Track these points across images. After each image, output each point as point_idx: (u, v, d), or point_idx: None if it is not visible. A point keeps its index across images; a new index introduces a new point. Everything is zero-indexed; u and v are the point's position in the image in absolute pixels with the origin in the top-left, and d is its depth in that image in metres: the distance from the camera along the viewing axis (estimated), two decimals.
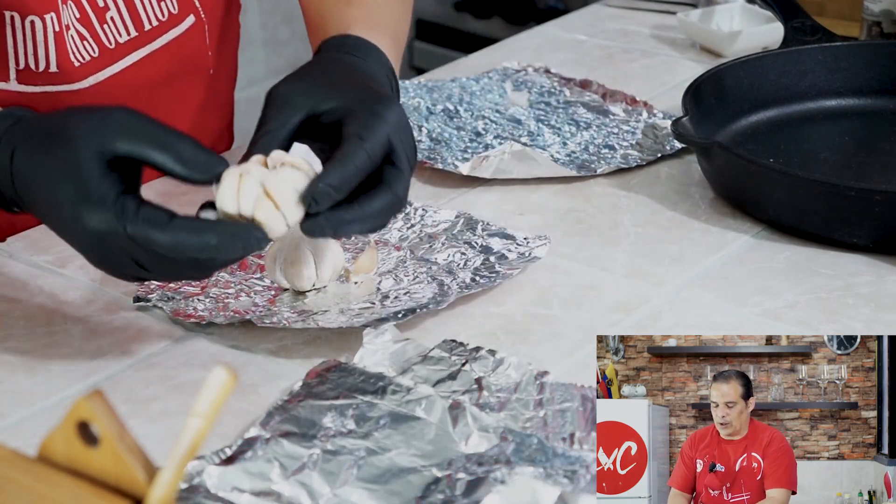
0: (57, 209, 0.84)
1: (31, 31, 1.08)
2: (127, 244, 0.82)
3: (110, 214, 0.82)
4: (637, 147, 1.23)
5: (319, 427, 0.81)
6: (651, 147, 1.22)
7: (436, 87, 1.37)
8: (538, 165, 1.17)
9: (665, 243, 1.07)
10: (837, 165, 1.19)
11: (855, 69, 1.29)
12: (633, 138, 1.25)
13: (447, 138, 1.25)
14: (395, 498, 0.75)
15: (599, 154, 1.22)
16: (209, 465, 0.77)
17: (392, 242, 1.05)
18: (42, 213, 0.86)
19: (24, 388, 0.88)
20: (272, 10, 2.86)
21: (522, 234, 1.05)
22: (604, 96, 1.34)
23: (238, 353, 0.92)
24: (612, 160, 1.20)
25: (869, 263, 1.03)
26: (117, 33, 1.14)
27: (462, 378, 0.86)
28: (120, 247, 0.83)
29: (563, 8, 2.67)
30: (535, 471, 0.76)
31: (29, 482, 0.57)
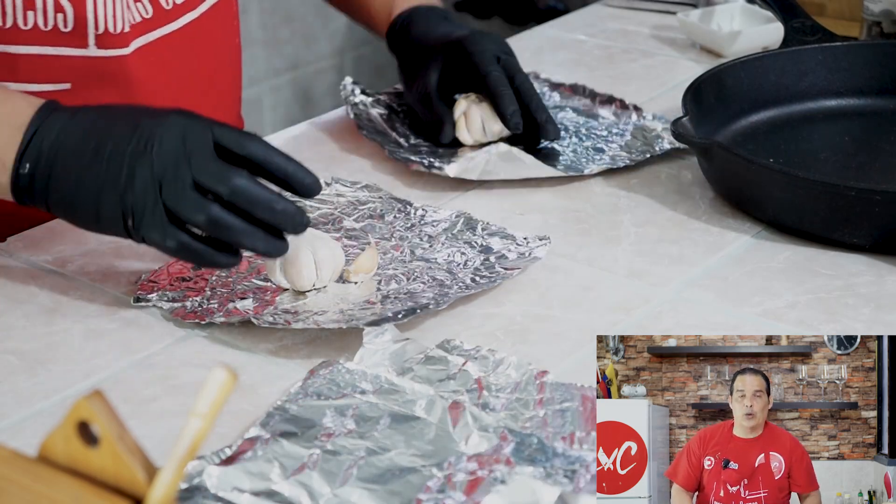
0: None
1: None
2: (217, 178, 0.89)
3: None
4: (626, 148, 1.23)
5: (319, 427, 0.81)
6: (639, 148, 1.22)
7: None
8: (525, 166, 1.17)
9: (665, 243, 1.07)
10: (837, 165, 1.19)
11: (855, 69, 1.29)
12: (622, 140, 1.25)
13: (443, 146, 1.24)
14: (395, 498, 0.75)
15: (587, 155, 1.22)
16: (209, 465, 0.77)
17: (392, 243, 1.05)
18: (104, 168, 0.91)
19: (24, 388, 0.88)
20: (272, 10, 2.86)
21: (522, 233, 1.05)
22: (593, 100, 1.34)
23: (238, 353, 0.92)
24: (601, 161, 1.20)
25: (869, 263, 1.03)
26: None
27: (462, 378, 0.86)
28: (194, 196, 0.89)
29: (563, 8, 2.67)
30: (535, 470, 0.76)
31: (29, 482, 0.57)
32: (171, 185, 0.89)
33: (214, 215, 0.89)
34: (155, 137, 0.90)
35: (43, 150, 0.92)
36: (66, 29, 1.09)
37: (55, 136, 0.93)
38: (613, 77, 1.45)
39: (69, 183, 0.92)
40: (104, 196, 0.91)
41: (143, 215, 0.90)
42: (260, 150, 0.91)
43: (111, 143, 0.91)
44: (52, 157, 0.92)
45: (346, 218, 1.09)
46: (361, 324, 0.90)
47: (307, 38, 2.96)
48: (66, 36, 1.10)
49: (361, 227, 1.08)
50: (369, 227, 1.08)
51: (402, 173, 1.19)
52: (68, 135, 0.92)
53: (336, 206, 1.12)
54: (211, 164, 0.90)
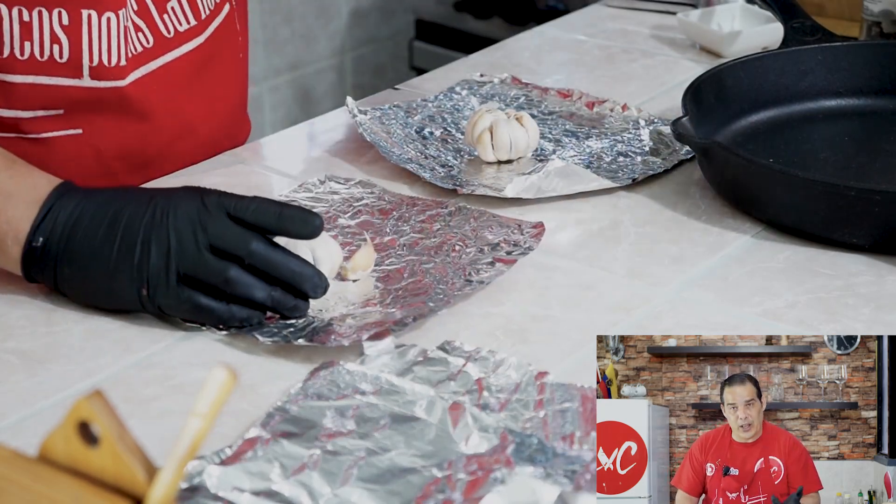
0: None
1: (107, 28, 1.12)
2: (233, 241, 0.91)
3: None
4: (655, 153, 1.21)
5: (319, 427, 0.81)
6: (665, 152, 1.21)
7: (410, 108, 1.31)
8: (581, 179, 1.13)
9: (665, 243, 1.07)
10: (837, 165, 1.19)
11: (855, 69, 1.29)
12: (641, 144, 1.23)
13: (456, 163, 1.21)
14: (395, 498, 0.75)
15: (618, 163, 1.20)
16: (209, 465, 0.77)
17: (387, 238, 1.05)
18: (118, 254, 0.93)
19: (24, 388, 0.88)
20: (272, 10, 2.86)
21: (517, 221, 1.05)
22: (589, 105, 1.32)
23: (238, 353, 0.92)
24: (636, 167, 1.18)
25: (869, 263, 1.03)
26: (177, 22, 1.18)
27: (462, 379, 0.86)
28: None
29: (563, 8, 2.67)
30: (535, 470, 0.76)
31: (29, 482, 0.57)
32: (188, 251, 0.91)
33: (233, 276, 0.91)
34: (170, 208, 0.92)
35: (58, 225, 0.94)
36: (61, 59, 1.11)
37: (70, 211, 0.94)
38: (613, 77, 1.45)
39: (83, 256, 0.93)
40: (118, 267, 0.92)
41: (159, 283, 0.91)
42: (269, 214, 0.92)
43: (126, 217, 0.93)
44: (67, 232, 0.93)
45: (341, 216, 1.10)
46: (364, 339, 0.90)
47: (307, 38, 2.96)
48: (61, 66, 1.11)
49: (357, 224, 1.08)
50: (365, 224, 1.08)
51: (401, 173, 1.19)
52: (84, 211, 0.94)
53: (331, 204, 1.12)
54: (227, 229, 0.91)
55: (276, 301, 0.92)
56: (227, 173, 1.21)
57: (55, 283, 0.95)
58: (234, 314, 0.92)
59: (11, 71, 1.10)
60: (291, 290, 0.93)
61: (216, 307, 0.92)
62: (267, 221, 0.92)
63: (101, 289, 0.94)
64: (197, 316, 0.93)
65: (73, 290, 0.96)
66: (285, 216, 0.92)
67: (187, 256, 0.91)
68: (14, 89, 1.11)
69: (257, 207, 0.92)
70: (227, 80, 1.28)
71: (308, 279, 0.93)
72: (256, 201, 0.93)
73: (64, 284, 0.95)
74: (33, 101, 1.12)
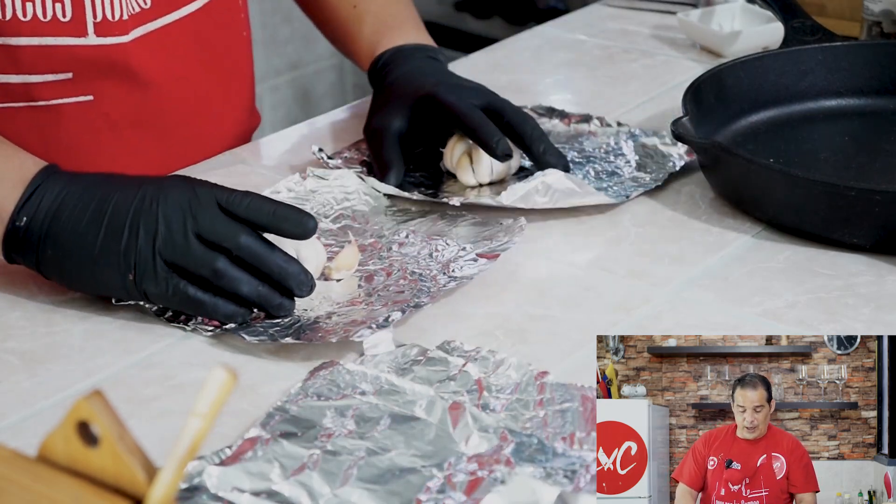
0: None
1: None
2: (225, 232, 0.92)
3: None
4: (642, 169, 1.18)
5: (319, 427, 0.81)
6: (652, 166, 1.18)
7: None
8: (578, 193, 1.10)
9: (665, 243, 1.07)
10: (837, 165, 1.19)
11: (855, 69, 1.29)
12: (625, 160, 1.19)
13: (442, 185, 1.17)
14: (395, 498, 0.75)
15: (605, 180, 1.16)
16: (209, 465, 0.77)
17: (369, 240, 1.05)
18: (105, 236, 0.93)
19: (24, 388, 0.88)
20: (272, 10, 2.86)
21: (497, 218, 1.05)
22: (566, 121, 1.28)
23: (238, 353, 0.92)
24: (629, 186, 1.14)
25: (869, 263, 1.03)
26: None
27: (462, 379, 0.86)
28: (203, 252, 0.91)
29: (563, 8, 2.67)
30: (535, 471, 0.76)
31: (29, 482, 0.57)
32: (176, 239, 0.91)
33: (221, 267, 0.91)
34: (159, 196, 0.92)
35: (42, 206, 0.94)
36: (64, 18, 1.11)
37: (57, 193, 0.94)
38: (613, 77, 1.45)
39: (67, 239, 0.93)
40: (104, 251, 0.92)
41: (146, 269, 0.91)
42: (263, 212, 0.92)
43: (114, 202, 0.92)
44: (52, 213, 0.93)
45: (323, 219, 1.09)
46: (355, 337, 0.90)
47: (307, 38, 2.96)
48: (65, 25, 1.11)
49: (339, 227, 1.08)
50: (347, 226, 1.08)
51: None
52: (70, 193, 0.94)
53: (312, 207, 1.11)
54: (217, 220, 0.91)
55: (262, 297, 0.92)
56: (227, 173, 1.21)
57: (37, 266, 0.95)
58: (219, 308, 0.92)
59: (16, 33, 1.10)
60: (278, 288, 0.93)
61: (203, 298, 0.91)
62: (261, 218, 0.92)
63: (86, 273, 0.93)
64: (182, 306, 0.92)
65: (55, 273, 0.95)
66: (279, 215, 0.92)
67: (175, 244, 0.91)
68: (20, 52, 1.11)
69: (251, 203, 0.92)
70: (235, 55, 1.28)
71: (294, 276, 0.92)
72: (250, 196, 0.93)
73: (46, 267, 0.94)
74: (41, 65, 1.12)
